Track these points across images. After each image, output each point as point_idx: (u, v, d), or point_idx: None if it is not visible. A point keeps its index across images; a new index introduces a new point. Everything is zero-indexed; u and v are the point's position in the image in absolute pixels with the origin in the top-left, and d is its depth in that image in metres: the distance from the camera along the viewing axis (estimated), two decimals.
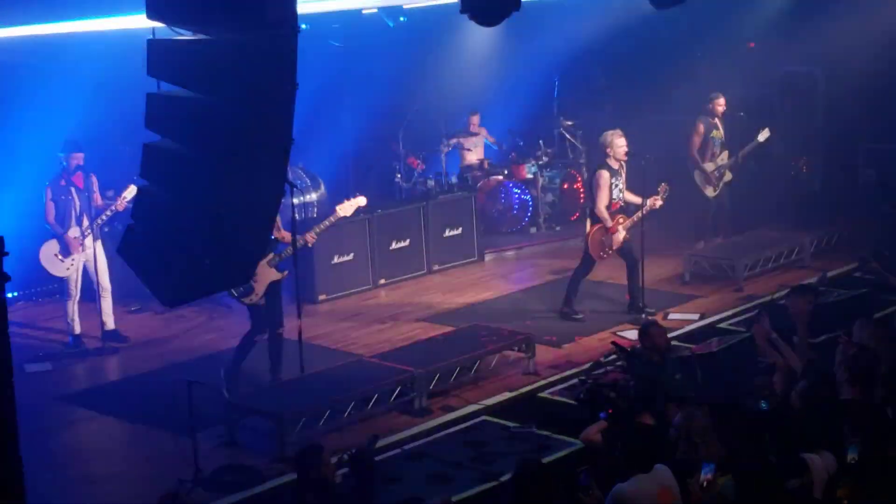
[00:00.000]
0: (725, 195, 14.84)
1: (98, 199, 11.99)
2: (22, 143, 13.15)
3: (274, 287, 10.47)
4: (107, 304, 12.12)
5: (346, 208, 11.05)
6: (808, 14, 15.08)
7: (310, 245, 10.94)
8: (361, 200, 11.19)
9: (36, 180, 12.41)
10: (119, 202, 11.83)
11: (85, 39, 12.61)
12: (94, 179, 11.98)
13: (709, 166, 14.55)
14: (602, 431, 8.04)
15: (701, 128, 14.56)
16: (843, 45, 15.23)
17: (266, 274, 10.32)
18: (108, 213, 11.92)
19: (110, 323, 12.16)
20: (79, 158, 11.86)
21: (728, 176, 14.76)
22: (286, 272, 10.49)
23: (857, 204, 15.48)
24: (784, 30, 15.87)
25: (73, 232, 11.90)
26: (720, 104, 14.61)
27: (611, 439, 7.82)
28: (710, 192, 14.66)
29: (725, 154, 14.67)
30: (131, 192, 11.64)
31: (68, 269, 11.97)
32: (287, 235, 10.46)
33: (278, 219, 10.34)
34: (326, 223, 11.00)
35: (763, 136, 14.59)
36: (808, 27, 15.30)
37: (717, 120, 14.64)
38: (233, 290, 10.32)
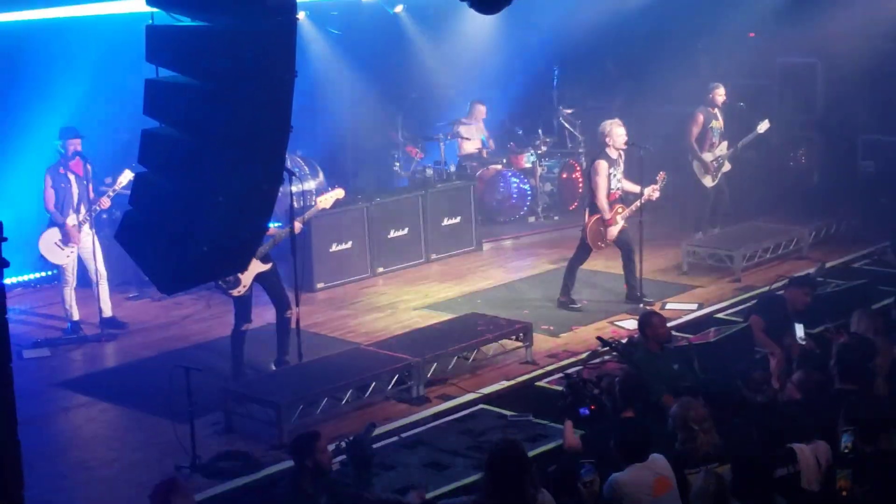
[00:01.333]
0: (724, 185, 14.83)
1: (90, 189, 11.95)
2: (21, 128, 13.15)
3: (264, 277, 10.47)
4: (104, 290, 12.12)
5: (325, 200, 11.10)
6: (807, 4, 15.07)
7: (296, 232, 10.98)
8: (339, 193, 11.25)
9: (34, 166, 12.41)
10: (114, 188, 11.81)
11: (84, 24, 12.59)
12: (89, 168, 11.96)
13: (707, 156, 14.52)
14: (581, 436, 8.02)
15: (700, 118, 14.53)
16: (843, 35, 15.23)
17: (252, 266, 10.31)
18: (106, 198, 11.89)
19: (108, 310, 12.17)
20: (76, 144, 11.86)
21: (727, 166, 14.73)
22: (271, 264, 10.50)
23: (856, 195, 15.48)
24: (784, 20, 15.86)
25: (71, 220, 11.90)
26: (720, 94, 14.58)
27: (593, 436, 7.83)
28: (708, 181, 14.63)
29: (724, 144, 14.64)
30: (126, 176, 11.66)
31: (68, 256, 11.98)
32: (271, 228, 10.50)
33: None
34: (308, 215, 11.06)
35: (763, 127, 14.55)
36: (808, 17, 15.30)
37: (716, 110, 14.59)
38: (221, 282, 10.34)
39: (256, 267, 10.35)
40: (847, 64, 15.56)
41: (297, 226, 10.73)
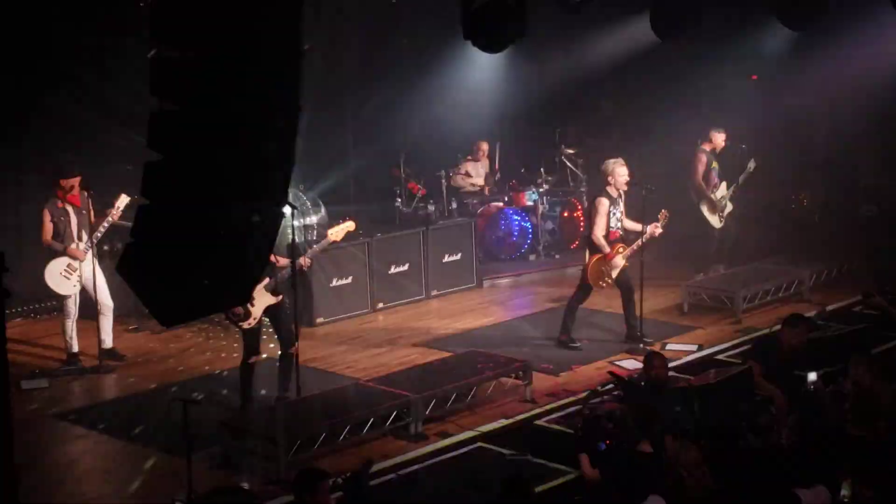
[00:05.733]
0: (731, 226, 14.89)
1: (92, 216, 11.92)
2: (23, 159, 13.17)
3: (273, 310, 10.46)
4: (107, 321, 12.08)
5: (336, 233, 11.07)
6: (810, 48, 15.14)
7: (305, 269, 10.97)
8: (350, 225, 11.23)
9: (37, 195, 12.39)
10: (113, 213, 11.74)
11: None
12: (87, 196, 11.88)
13: (713, 195, 14.63)
14: (599, 467, 8.01)
15: (704, 158, 14.62)
16: (845, 79, 15.29)
17: (262, 298, 10.32)
18: (104, 226, 11.84)
19: (108, 341, 12.13)
20: (74, 182, 11.80)
21: (729, 206, 14.80)
22: (281, 296, 10.49)
23: (857, 238, 15.49)
24: (786, 63, 15.93)
25: (70, 251, 11.85)
26: (721, 138, 14.68)
27: (607, 471, 7.81)
28: (716, 221, 14.71)
29: (724, 185, 14.72)
30: (122, 201, 11.64)
31: (76, 285, 11.92)
32: (281, 260, 10.48)
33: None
34: (318, 248, 11.02)
35: (752, 165, 14.67)
36: (810, 61, 15.36)
37: (714, 153, 14.71)
38: (230, 314, 10.33)
39: (266, 300, 10.36)
40: (848, 107, 15.61)
41: (307, 262, 10.75)
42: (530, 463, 9.18)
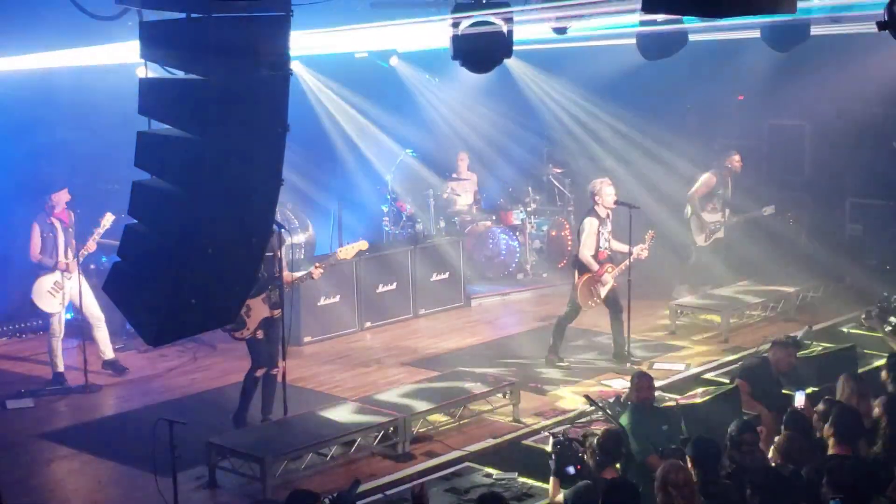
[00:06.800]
0: (721, 247, 14.94)
1: (72, 236, 11.91)
2: (5, 177, 13.14)
3: (269, 324, 10.41)
4: (102, 333, 12.06)
5: (346, 251, 11.09)
6: (796, 68, 15.20)
7: (315, 278, 10.92)
8: (363, 244, 11.27)
9: (21, 214, 12.36)
10: (97, 232, 11.75)
11: (76, 73, 12.59)
12: (72, 215, 11.89)
13: (706, 216, 14.68)
14: (564, 495, 7.99)
15: (713, 180, 14.71)
16: (830, 99, 15.35)
17: (259, 310, 10.29)
18: (92, 241, 11.82)
19: (109, 352, 12.13)
20: (62, 198, 11.80)
21: (721, 233, 14.89)
22: (280, 310, 10.44)
23: (844, 258, 15.53)
24: (772, 83, 16.00)
25: (59, 264, 11.82)
26: (737, 161, 14.79)
27: (575, 495, 7.79)
28: (700, 240, 14.76)
29: (725, 212, 14.81)
30: (108, 219, 11.66)
31: (60, 304, 11.87)
32: (288, 275, 10.46)
33: (283, 259, 10.34)
34: (326, 263, 11.04)
35: (767, 211, 14.79)
36: (796, 81, 15.43)
37: (728, 177, 14.78)
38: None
39: (264, 311, 10.33)
40: (834, 127, 15.68)
41: (319, 271, 10.77)
42: (517, 483, 9.15)
